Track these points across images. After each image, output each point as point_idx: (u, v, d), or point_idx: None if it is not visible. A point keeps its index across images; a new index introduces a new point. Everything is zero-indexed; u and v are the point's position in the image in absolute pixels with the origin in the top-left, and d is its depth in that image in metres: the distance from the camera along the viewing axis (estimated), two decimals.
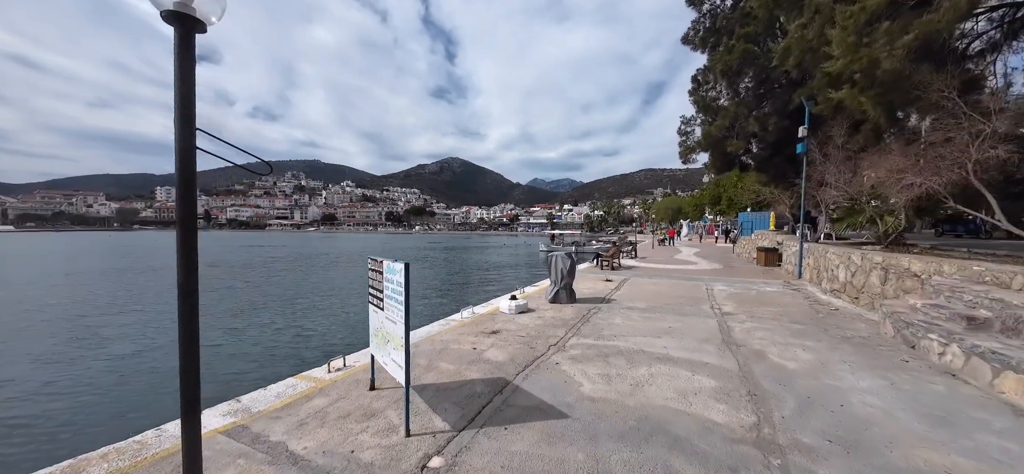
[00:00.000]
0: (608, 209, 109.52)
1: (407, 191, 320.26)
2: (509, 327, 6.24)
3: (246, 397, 3.85)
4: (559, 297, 8.12)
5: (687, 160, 17.45)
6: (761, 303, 8.28)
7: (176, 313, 1.75)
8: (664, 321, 6.65)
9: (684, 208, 68.21)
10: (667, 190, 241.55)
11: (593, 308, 7.65)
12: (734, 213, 42.35)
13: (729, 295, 9.23)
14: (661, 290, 9.90)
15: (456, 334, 5.85)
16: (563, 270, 8.04)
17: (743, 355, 4.97)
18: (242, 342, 10.46)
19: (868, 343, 5.59)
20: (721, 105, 16.26)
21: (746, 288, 10.24)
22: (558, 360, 4.71)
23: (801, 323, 6.64)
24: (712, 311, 7.48)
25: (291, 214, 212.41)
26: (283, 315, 13.68)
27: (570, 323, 6.49)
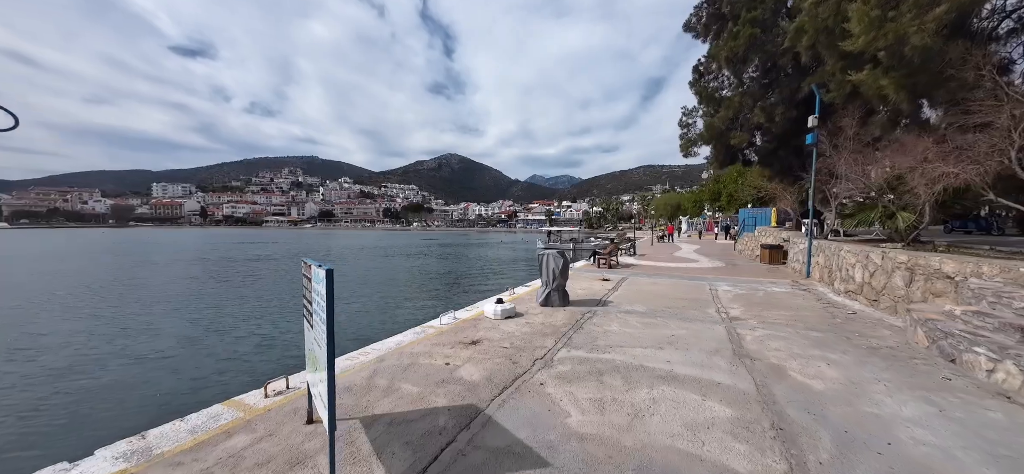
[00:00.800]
0: (607, 206, 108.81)
1: (405, 187, 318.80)
2: (492, 336, 5.52)
3: (154, 432, 3.12)
4: (551, 300, 7.41)
5: (688, 154, 16.72)
6: (771, 306, 7.58)
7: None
8: (666, 328, 5.94)
9: (683, 204, 67.57)
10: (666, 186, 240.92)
11: (587, 312, 6.94)
12: (734, 209, 41.70)
13: (735, 297, 8.53)
14: (662, 291, 9.20)
15: (430, 345, 5.12)
16: (555, 270, 7.33)
17: (759, 371, 4.26)
18: (196, 353, 9.30)
19: (899, 355, 4.89)
20: (724, 96, 15.51)
21: (753, 289, 9.54)
22: (543, 380, 3.99)
23: (819, 330, 5.94)
24: (718, 316, 6.78)
25: (288, 210, 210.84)
26: (249, 321, 12.54)
27: (561, 331, 5.77)
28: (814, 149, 10.84)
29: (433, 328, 5.92)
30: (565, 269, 7.44)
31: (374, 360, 4.55)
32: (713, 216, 52.91)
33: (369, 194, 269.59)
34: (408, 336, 5.55)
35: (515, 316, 6.61)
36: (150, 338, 10.46)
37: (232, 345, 10.00)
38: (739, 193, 36.90)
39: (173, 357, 8.93)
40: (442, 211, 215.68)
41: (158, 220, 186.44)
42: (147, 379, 7.60)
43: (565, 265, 7.45)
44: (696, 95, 16.08)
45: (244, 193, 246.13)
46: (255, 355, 9.26)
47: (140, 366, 8.32)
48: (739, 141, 14.50)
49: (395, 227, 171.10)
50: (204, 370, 8.16)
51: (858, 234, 13.47)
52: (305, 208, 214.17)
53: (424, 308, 14.04)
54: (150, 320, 12.45)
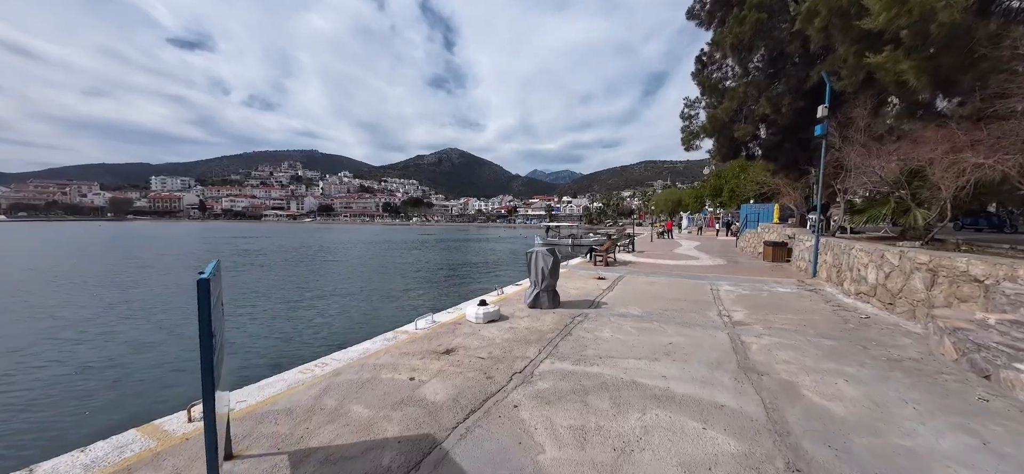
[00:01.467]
0: (607, 201, 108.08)
1: (405, 182, 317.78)
2: (470, 343, 4.97)
3: (45, 466, 2.58)
4: (539, 301, 6.86)
5: (690, 146, 16.10)
6: (777, 308, 7.03)
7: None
8: (663, 334, 5.39)
9: (684, 200, 66.92)
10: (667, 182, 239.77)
11: (578, 315, 6.39)
12: (736, 205, 41.09)
13: (738, 298, 7.97)
14: (660, 291, 8.64)
15: (398, 355, 4.58)
16: (544, 269, 6.77)
17: (769, 390, 3.71)
18: (144, 360, 8.43)
19: (924, 369, 4.34)
20: (728, 87, 14.87)
21: (756, 289, 8.98)
22: (519, 401, 3.44)
23: (831, 337, 5.38)
24: (721, 319, 6.22)
25: (287, 205, 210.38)
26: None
27: (547, 337, 5.22)
28: (823, 141, 10.24)
29: (406, 334, 5.38)
30: (555, 268, 6.88)
31: (329, 374, 4.01)
32: (714, 212, 52.31)
33: (369, 188, 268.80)
34: (376, 343, 5.00)
35: (499, 320, 6.06)
36: (103, 342, 9.53)
37: (189, 350, 9.17)
38: (741, 188, 36.28)
39: (119, 366, 8.03)
40: (442, 206, 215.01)
41: (156, 213, 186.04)
42: (82, 392, 6.87)
43: (555, 264, 6.89)
44: (699, 86, 15.43)
45: (243, 187, 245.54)
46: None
47: (81, 377, 7.49)
48: (743, 134, 13.88)
49: (394, 222, 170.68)
50: (146, 381, 7.32)
51: (865, 231, 12.89)
52: (304, 202, 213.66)
53: (408, 308, 13.43)
54: (108, 321, 11.74)
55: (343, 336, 9.80)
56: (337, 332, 10.59)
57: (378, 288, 17.36)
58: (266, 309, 13.40)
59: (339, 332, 10.53)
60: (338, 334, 10.30)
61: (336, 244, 47.05)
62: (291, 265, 26.57)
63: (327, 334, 10.38)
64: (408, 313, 12.31)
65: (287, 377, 3.96)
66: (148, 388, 7.14)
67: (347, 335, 9.83)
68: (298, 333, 10.59)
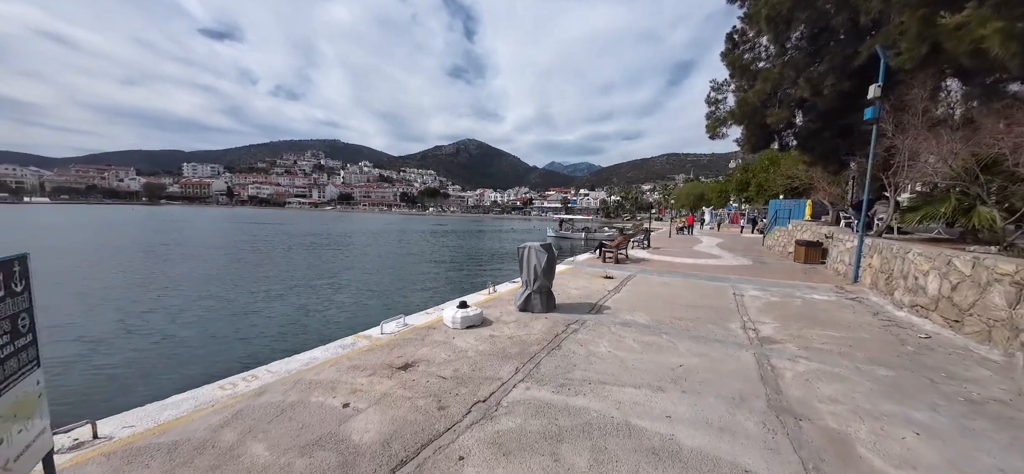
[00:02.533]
0: (626, 194, 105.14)
1: (423, 172, 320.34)
2: (436, 355, 4.17)
3: None
4: (531, 304, 5.99)
5: (715, 135, 14.70)
6: (814, 321, 5.92)
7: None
8: (672, 352, 4.44)
9: (707, 195, 64.12)
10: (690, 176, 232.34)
11: (574, 322, 5.49)
12: (763, 201, 38.82)
13: (766, 306, 6.87)
14: (674, 294, 7.61)
15: (344, 368, 3.82)
16: (537, 268, 5.88)
17: (811, 445, 2.75)
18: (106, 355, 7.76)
19: (1018, 418, 3.26)
20: (761, 68, 13.37)
21: (788, 295, 7.82)
22: (468, 449, 2.61)
23: (887, 365, 4.31)
24: (745, 334, 5.20)
25: (309, 193, 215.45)
26: (183, 319, 10.56)
27: (530, 351, 4.36)
28: (875, 126, 8.85)
29: (367, 340, 4.62)
30: (550, 267, 5.98)
31: (251, 393, 3.29)
32: (739, 207, 49.82)
33: (388, 178, 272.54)
34: (328, 351, 4.26)
35: (480, 325, 5.23)
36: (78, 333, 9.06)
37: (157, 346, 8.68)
38: (770, 182, 34.08)
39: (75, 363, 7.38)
40: (458, 197, 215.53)
41: (187, 199, 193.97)
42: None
43: (550, 262, 5.99)
44: (728, 67, 13.96)
45: (268, 175, 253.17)
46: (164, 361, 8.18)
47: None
48: (776, 120, 12.43)
49: (411, 211, 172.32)
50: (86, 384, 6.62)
51: (914, 232, 11.35)
52: (326, 191, 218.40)
53: (394, 305, 12.68)
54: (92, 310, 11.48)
55: (310, 336, 8.97)
56: (302, 332, 9.64)
57: (371, 282, 16.79)
58: (243, 300, 13.01)
59: (310, 331, 9.66)
60: (305, 333, 9.39)
61: (348, 232, 47.32)
62: (295, 252, 26.54)
63: (292, 338, 9.26)
64: (393, 310, 11.42)
65: (199, 395, 3.25)
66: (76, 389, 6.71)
67: (309, 336, 8.97)
68: (274, 327, 10.04)
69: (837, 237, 11.14)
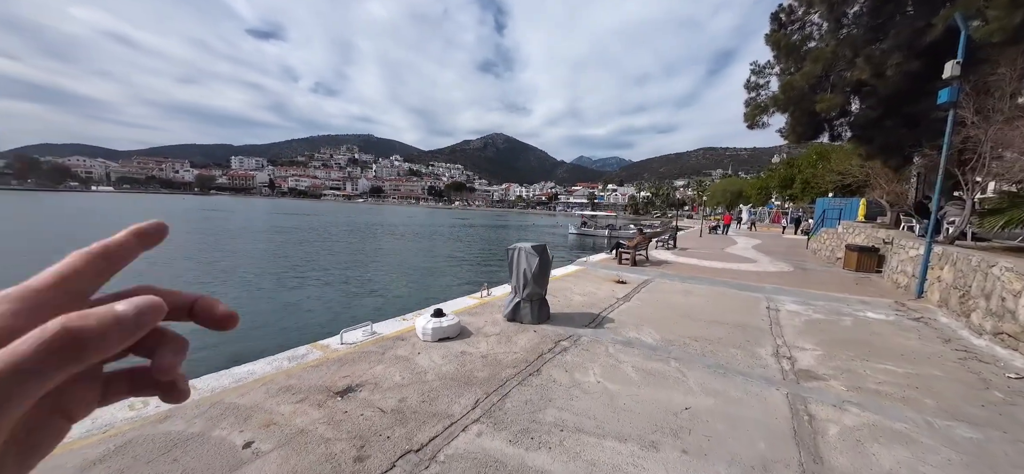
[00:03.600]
0: (656, 190, 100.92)
1: (451, 167, 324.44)
2: (387, 377, 3.54)
3: None
4: (519, 313, 5.24)
5: (755, 124, 13.13)
6: (868, 349, 4.80)
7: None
8: (679, 387, 3.57)
9: (746, 191, 60.15)
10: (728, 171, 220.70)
11: (566, 339, 4.70)
12: (810, 199, 35.73)
13: (807, 325, 5.75)
14: (693, 306, 6.61)
15: (271, 392, 3.25)
16: (527, 272, 5.12)
17: None
18: None
19: None
20: (812, 48, 11.78)
21: (835, 311, 6.61)
22: None
23: (969, 420, 3.24)
24: (777, 364, 4.21)
25: (343, 186, 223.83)
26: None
27: (502, 375, 3.64)
28: (951, 111, 7.34)
29: (319, 352, 4.06)
30: (542, 271, 5.20)
31: (155, 418, 2.78)
32: (781, 206, 46.30)
33: (417, 172, 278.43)
34: (268, 365, 3.73)
35: (455, 338, 4.56)
36: None
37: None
38: (818, 178, 31.21)
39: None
40: (484, 191, 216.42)
41: (234, 190, 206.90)
42: None
43: (543, 266, 5.21)
44: (772, 48, 12.38)
45: (307, 168, 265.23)
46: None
47: None
48: (828, 106, 10.82)
49: (437, 205, 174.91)
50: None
51: (995, 239, 9.54)
52: (358, 184, 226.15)
53: (385, 304, 12.13)
54: None
55: (280, 339, 8.19)
56: (275, 335, 9.14)
57: (373, 277, 16.52)
58: (243, 290, 13.04)
59: (282, 334, 8.77)
60: (277, 337, 8.79)
61: (368, 224, 48.19)
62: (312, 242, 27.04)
63: (258, 338, 8.32)
64: (388, 309, 10.93)
65: (100, 415, 2.78)
66: None
67: (282, 338, 8.21)
68: (262, 323, 9.75)
69: (898, 243, 9.56)
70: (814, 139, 13.33)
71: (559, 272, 9.41)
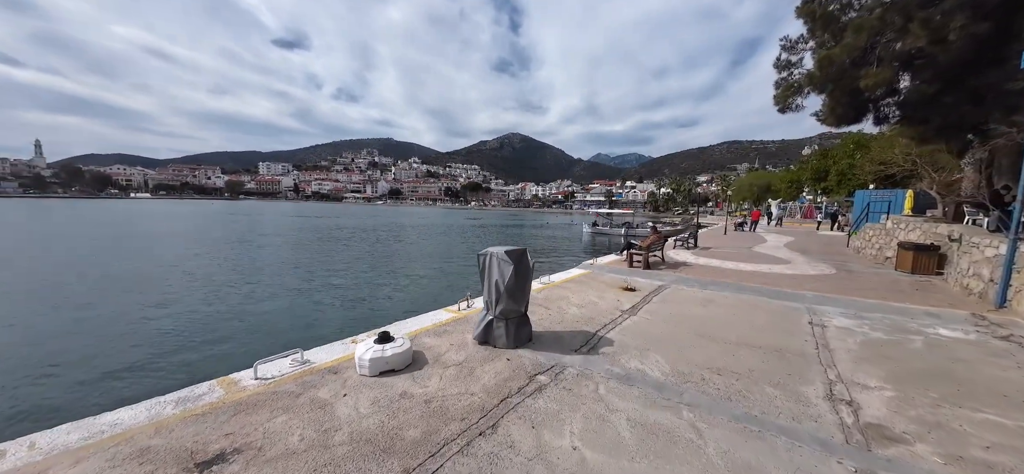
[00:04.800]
0: (677, 186, 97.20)
1: (468, 168, 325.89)
2: (283, 438, 2.60)
3: None
4: (492, 335, 4.23)
5: (787, 107, 11.58)
6: (957, 388, 3.52)
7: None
8: (693, 459, 2.47)
9: (774, 185, 56.80)
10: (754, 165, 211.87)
11: (545, 372, 3.65)
12: (845, 192, 33.06)
13: (865, 348, 4.48)
14: (716, 321, 5.41)
15: (116, 460, 2.36)
16: (499, 284, 4.10)
17: None
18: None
19: None
20: (851, 18, 10.20)
21: (898, 328, 5.27)
22: None
23: None
24: (833, 415, 3.03)
25: (364, 189, 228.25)
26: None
27: (443, 434, 2.64)
28: None
29: (219, 392, 3.16)
30: (519, 284, 4.16)
31: None
32: (815, 200, 43.28)
33: (434, 174, 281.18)
34: (141, 413, 2.86)
35: (402, 370, 3.59)
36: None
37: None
38: (857, 169, 28.72)
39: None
40: (500, 191, 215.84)
41: (262, 194, 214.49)
42: None
43: (519, 276, 4.16)
44: (806, 19, 10.83)
45: (329, 172, 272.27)
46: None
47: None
48: (874, 82, 9.25)
49: (454, 205, 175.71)
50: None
51: None
52: (378, 186, 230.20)
53: (375, 311, 11.29)
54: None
55: (236, 360, 7.46)
56: (276, 334, 8.74)
57: (363, 282, 15.74)
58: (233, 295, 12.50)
59: (227, 356, 7.79)
60: (276, 337, 8.33)
61: (379, 225, 48.13)
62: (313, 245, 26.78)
63: (199, 358, 7.64)
64: (380, 315, 10.09)
65: None
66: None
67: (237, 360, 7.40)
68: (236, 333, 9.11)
69: (967, 240, 7.96)
70: (857, 122, 11.67)
71: (560, 277, 8.34)
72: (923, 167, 18.98)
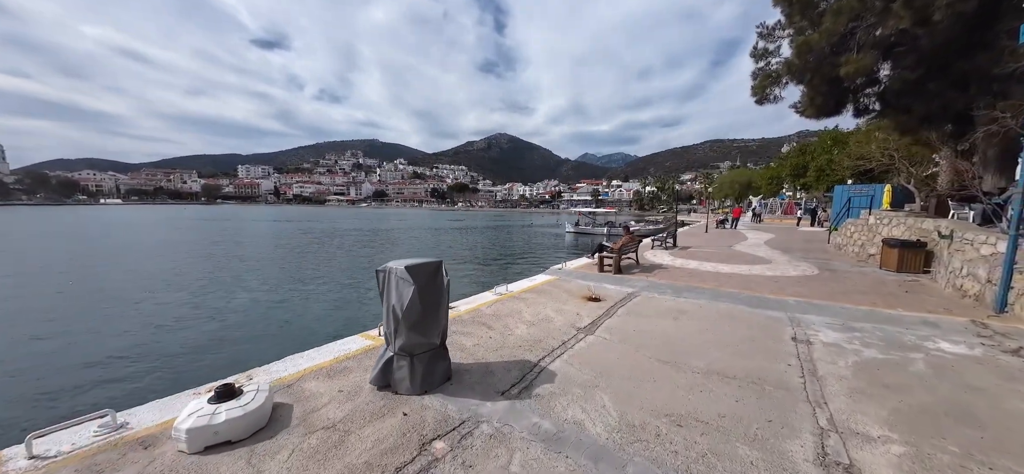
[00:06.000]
0: (661, 185, 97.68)
1: (455, 168, 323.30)
2: None
3: None
4: (392, 376, 3.25)
5: (764, 98, 10.93)
6: (980, 430, 2.70)
7: None
8: None
9: (755, 182, 57.29)
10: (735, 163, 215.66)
11: (448, 433, 2.70)
12: (823, 187, 33.16)
13: (859, 374, 3.66)
14: (683, 340, 4.55)
15: None
16: (397, 310, 3.12)
17: None
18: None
19: None
20: (830, 3, 9.60)
21: (894, 343, 4.49)
22: None
23: None
24: (816, 457, 2.17)
25: (347, 191, 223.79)
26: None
27: None
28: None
29: None
30: (426, 310, 3.19)
31: None
32: (794, 196, 43.59)
33: (421, 175, 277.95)
34: None
35: (237, 444, 2.58)
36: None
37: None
38: (833, 166, 28.75)
39: None
40: (487, 191, 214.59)
41: (240, 198, 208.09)
42: None
43: (426, 301, 3.19)
44: (783, 5, 10.19)
45: (312, 174, 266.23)
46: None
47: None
48: (855, 69, 8.63)
49: (440, 207, 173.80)
50: None
51: None
52: (362, 188, 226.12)
53: (350, 320, 10.19)
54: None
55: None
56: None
57: (304, 298, 14.58)
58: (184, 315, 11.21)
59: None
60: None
61: (358, 228, 46.57)
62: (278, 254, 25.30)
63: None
64: (352, 323, 8.80)
65: None
66: None
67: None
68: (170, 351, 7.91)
69: (959, 237, 7.34)
70: (836, 113, 11.11)
71: (519, 286, 7.42)
72: (900, 161, 18.71)
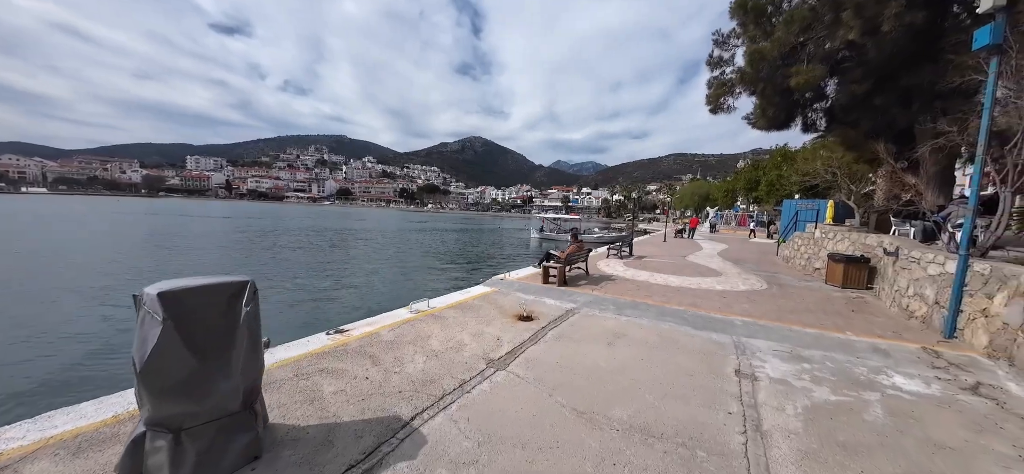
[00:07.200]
0: (628, 194, 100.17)
1: (427, 169, 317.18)
2: None
3: None
4: (146, 465, 2.13)
5: (718, 108, 10.65)
6: None
7: None
8: None
9: (713, 194, 59.68)
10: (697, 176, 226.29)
11: None
12: (774, 201, 34.61)
13: (810, 431, 2.95)
14: (614, 376, 3.72)
15: None
16: (136, 359, 2.00)
17: None
18: None
19: None
20: (784, 10, 9.40)
21: (845, 377, 3.89)
22: None
23: None
24: None
25: (309, 187, 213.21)
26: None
27: None
28: (996, 56, 4.86)
29: None
30: (210, 359, 2.11)
31: None
32: (747, 209, 45.51)
33: (390, 174, 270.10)
34: None
35: None
36: None
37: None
38: (783, 181, 29.91)
39: None
40: (458, 194, 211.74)
41: (187, 191, 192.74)
42: None
43: (188, 342, 2.11)
44: (738, 15, 9.92)
45: (271, 169, 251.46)
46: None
47: None
48: (805, 81, 8.39)
49: (409, 207, 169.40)
50: None
51: (1008, 246, 7.25)
52: (325, 186, 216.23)
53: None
54: None
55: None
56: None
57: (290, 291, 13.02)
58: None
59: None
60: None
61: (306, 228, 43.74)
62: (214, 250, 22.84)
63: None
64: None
65: None
66: None
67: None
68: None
69: (905, 255, 7.12)
70: (787, 126, 11.03)
71: (446, 300, 6.42)
72: (842, 178, 19.38)
